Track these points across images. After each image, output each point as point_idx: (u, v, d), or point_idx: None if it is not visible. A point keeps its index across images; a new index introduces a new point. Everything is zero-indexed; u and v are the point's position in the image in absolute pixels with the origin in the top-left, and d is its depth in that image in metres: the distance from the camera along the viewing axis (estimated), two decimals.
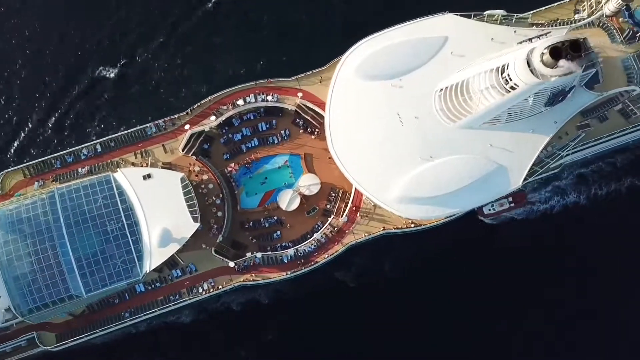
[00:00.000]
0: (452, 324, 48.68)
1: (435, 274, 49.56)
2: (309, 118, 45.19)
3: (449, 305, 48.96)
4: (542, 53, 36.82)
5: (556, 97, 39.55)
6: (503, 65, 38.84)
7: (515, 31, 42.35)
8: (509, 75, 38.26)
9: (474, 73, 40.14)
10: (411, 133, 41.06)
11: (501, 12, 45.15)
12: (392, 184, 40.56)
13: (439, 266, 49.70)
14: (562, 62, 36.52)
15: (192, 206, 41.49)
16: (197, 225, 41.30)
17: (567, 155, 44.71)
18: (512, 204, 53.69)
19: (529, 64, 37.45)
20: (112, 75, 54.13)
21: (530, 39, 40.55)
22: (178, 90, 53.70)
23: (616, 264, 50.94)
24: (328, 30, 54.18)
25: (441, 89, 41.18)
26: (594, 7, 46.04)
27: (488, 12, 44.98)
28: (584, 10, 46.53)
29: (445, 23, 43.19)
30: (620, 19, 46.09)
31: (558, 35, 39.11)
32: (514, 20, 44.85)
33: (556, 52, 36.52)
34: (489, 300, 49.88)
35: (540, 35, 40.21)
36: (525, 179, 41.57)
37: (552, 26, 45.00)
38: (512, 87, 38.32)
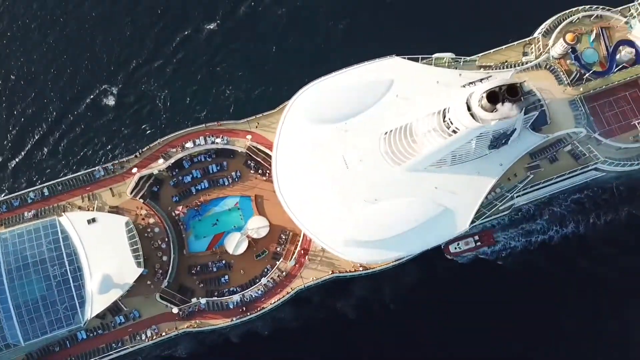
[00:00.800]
0: None
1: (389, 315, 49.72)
2: (259, 160, 45.16)
3: None
4: (481, 97, 37.12)
5: (499, 140, 39.62)
6: (445, 109, 39.10)
7: (460, 74, 42.72)
8: (450, 119, 38.51)
9: (417, 116, 40.36)
10: (356, 176, 40.89)
11: (449, 54, 45.74)
12: (338, 227, 40.13)
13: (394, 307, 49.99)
14: (500, 107, 36.78)
15: (136, 251, 40.94)
16: (141, 270, 40.66)
17: (517, 196, 44.79)
18: (479, 243, 53.49)
19: (469, 108, 37.72)
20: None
21: (473, 82, 40.91)
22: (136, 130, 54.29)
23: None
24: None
25: (386, 132, 41.26)
26: (542, 50, 46.78)
27: (436, 54, 45.55)
28: (532, 52, 47.23)
29: (391, 66, 43.58)
30: (568, 61, 46.73)
31: (499, 78, 39.33)
32: (462, 63, 45.54)
33: (493, 97, 36.78)
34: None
35: (483, 79, 40.50)
36: (472, 221, 41.39)
37: (500, 68, 45.70)
38: (453, 131, 38.47)
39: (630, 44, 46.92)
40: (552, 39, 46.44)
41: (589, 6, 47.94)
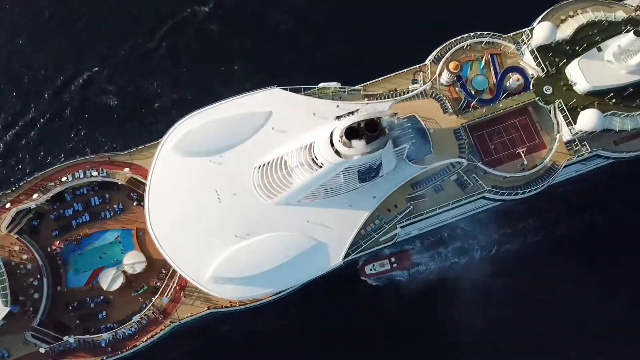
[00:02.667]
0: None
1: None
2: (141, 192, 44.43)
3: None
4: (341, 133, 36.55)
5: (367, 174, 39.06)
6: (312, 143, 38.57)
7: (338, 105, 42.19)
8: (315, 153, 37.93)
9: (289, 150, 39.76)
10: (229, 210, 40.19)
11: (335, 84, 45.23)
12: (208, 263, 39.40)
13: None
14: (356, 143, 36.23)
15: (3, 289, 40.00)
16: (7, 309, 39.67)
17: (400, 227, 44.20)
18: (395, 265, 53.20)
19: (332, 143, 37.18)
20: None
21: (344, 115, 40.19)
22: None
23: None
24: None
25: (259, 166, 40.65)
26: (430, 78, 46.37)
27: (321, 84, 45.03)
28: (421, 80, 46.84)
29: (271, 97, 42.97)
30: (457, 89, 46.46)
31: (365, 112, 38.38)
32: (346, 93, 45.01)
33: (352, 132, 36.28)
34: None
35: (354, 112, 39.84)
36: (347, 255, 40.78)
37: (388, 97, 45.23)
38: (319, 166, 37.91)
39: (520, 70, 46.74)
40: (440, 67, 46.14)
41: (480, 32, 47.83)
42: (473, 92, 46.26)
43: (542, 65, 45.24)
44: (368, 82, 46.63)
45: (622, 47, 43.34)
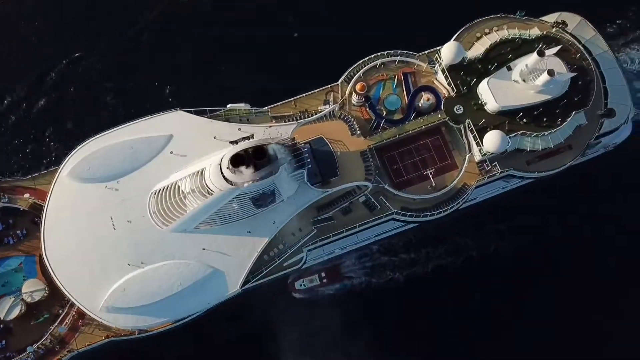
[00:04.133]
0: None
1: None
2: None
3: None
4: (228, 160, 35.88)
5: (262, 200, 38.40)
6: (203, 169, 37.89)
7: (239, 129, 41.44)
8: (206, 179, 37.26)
9: (183, 175, 39.06)
10: (123, 238, 39.32)
11: (244, 105, 44.53)
12: (101, 292, 38.61)
13: None
14: (244, 170, 35.61)
15: None
16: None
17: (308, 250, 43.54)
18: (325, 280, 52.90)
19: (221, 169, 36.51)
20: None
21: (242, 139, 39.46)
22: None
23: None
24: None
25: (155, 192, 39.87)
26: (340, 98, 45.76)
27: (230, 105, 44.29)
28: (331, 100, 46.22)
29: (173, 120, 42.10)
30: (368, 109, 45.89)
31: (258, 139, 38.07)
32: (254, 115, 44.32)
33: (239, 159, 35.67)
34: None
35: (248, 137, 39.09)
36: (248, 281, 40.06)
37: (299, 118, 44.54)
38: (210, 193, 37.24)
39: (432, 90, 46.20)
40: (350, 87, 45.53)
41: (393, 51, 47.20)
42: (385, 113, 45.80)
43: (452, 84, 44.78)
44: (279, 103, 46.08)
45: (529, 67, 42.88)
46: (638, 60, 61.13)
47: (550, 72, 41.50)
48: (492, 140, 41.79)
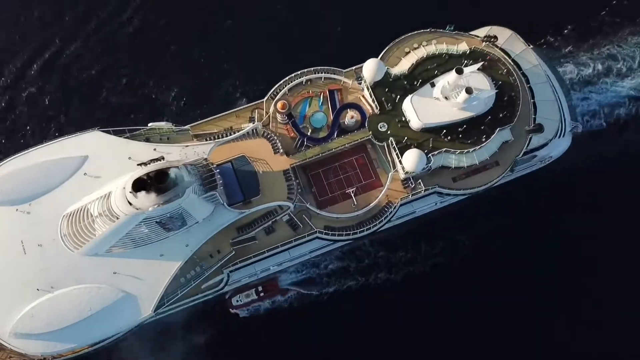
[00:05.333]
0: None
1: None
2: None
3: None
4: (130, 184, 35.34)
5: (170, 223, 37.82)
6: (110, 193, 37.33)
7: (155, 149, 40.90)
8: (111, 203, 36.71)
9: (93, 198, 38.51)
10: (34, 262, 38.54)
11: (164, 124, 44.07)
12: (10, 318, 37.89)
13: None
14: (145, 194, 35.07)
15: None
16: None
17: (230, 272, 43.03)
18: (262, 294, 52.37)
19: (126, 193, 35.93)
20: None
21: (150, 161, 38.69)
22: None
23: None
24: None
25: (67, 214, 39.23)
26: (265, 116, 45.27)
27: (151, 124, 43.81)
28: (256, 118, 45.71)
29: (90, 141, 41.55)
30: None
31: (166, 161, 37.48)
32: (175, 134, 43.75)
33: (140, 184, 35.13)
34: None
35: (158, 159, 38.37)
36: (162, 304, 39.46)
37: (223, 135, 44.02)
38: (116, 217, 36.69)
39: (357, 107, 45.76)
40: (274, 104, 45.04)
41: (320, 67, 46.72)
42: (310, 130, 45.37)
43: (376, 101, 44.35)
44: (202, 121, 45.57)
45: (449, 84, 42.47)
46: (588, 70, 60.88)
47: (468, 90, 41.12)
48: (410, 159, 41.37)
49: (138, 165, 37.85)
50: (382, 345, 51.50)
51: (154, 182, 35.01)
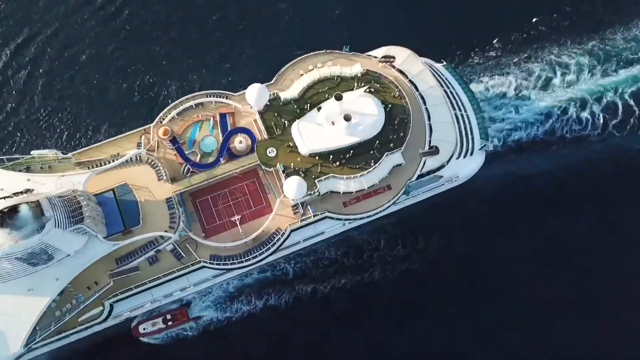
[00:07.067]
0: None
1: None
2: None
3: None
4: None
5: (34, 259, 36.69)
6: None
7: (29, 179, 39.82)
8: None
9: None
10: None
11: (48, 151, 43.07)
12: None
13: None
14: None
15: None
16: None
17: (108, 303, 42.00)
18: (171, 322, 51.23)
19: None
20: None
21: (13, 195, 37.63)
22: None
23: None
24: None
25: None
26: (151, 141, 44.27)
27: (36, 152, 42.83)
28: (145, 143, 44.65)
29: None
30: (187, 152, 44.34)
31: (21, 196, 36.32)
32: (57, 162, 42.73)
33: None
34: None
35: (29, 190, 37.42)
36: (32, 340, 38.43)
37: (111, 162, 43.01)
38: None
39: (247, 131, 44.92)
40: (155, 130, 43.84)
41: (211, 92, 45.79)
42: (200, 155, 44.40)
43: (265, 126, 43.52)
44: (87, 147, 44.48)
45: (333, 109, 41.72)
46: (504, 87, 60.42)
47: (347, 117, 40.43)
48: (290, 187, 40.57)
49: (3, 198, 36.94)
50: None
51: (6, 218, 34.02)
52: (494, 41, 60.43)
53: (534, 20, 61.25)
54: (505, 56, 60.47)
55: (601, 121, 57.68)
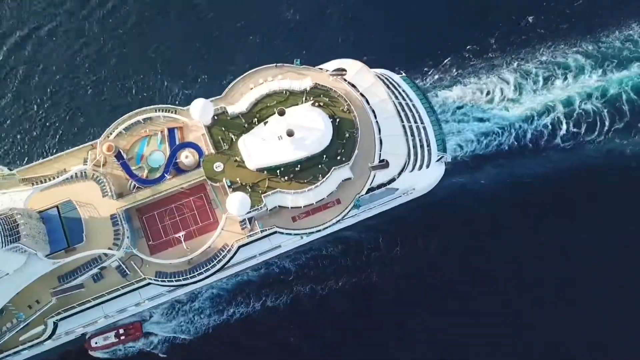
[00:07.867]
0: None
1: None
2: None
3: None
4: None
5: None
6: None
7: None
8: None
9: None
10: None
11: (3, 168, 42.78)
12: None
13: None
14: None
15: None
16: None
17: (59, 320, 41.43)
18: (123, 337, 50.59)
19: None
20: None
21: None
22: None
23: None
24: None
25: None
26: (97, 157, 43.78)
27: None
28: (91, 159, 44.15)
29: None
30: (133, 168, 43.88)
31: None
32: (1, 178, 42.23)
33: None
34: None
35: None
36: None
37: (55, 178, 42.57)
38: None
39: (195, 146, 44.56)
40: (100, 146, 43.45)
41: (157, 106, 45.21)
42: (147, 170, 43.96)
43: (213, 141, 43.20)
44: (34, 163, 44.00)
45: (276, 125, 41.49)
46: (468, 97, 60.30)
47: (290, 133, 40.18)
48: (232, 203, 40.21)
49: None
50: None
51: None
52: (468, 47, 60.45)
53: (497, 34, 61.32)
54: (480, 63, 60.43)
55: (597, 124, 58.23)
